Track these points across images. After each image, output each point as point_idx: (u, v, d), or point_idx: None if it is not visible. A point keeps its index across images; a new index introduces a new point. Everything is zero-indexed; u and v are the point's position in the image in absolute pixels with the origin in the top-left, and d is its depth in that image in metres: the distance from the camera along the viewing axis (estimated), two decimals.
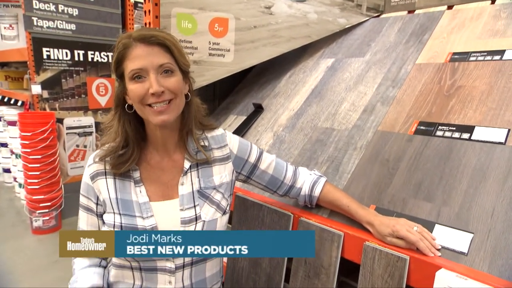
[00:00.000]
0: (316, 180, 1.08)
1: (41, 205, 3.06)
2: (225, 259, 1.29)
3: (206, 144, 0.98)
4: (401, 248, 0.89)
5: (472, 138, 1.08)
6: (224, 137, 1.03)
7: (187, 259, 0.90)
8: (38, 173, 3.01)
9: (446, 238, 0.89)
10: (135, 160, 0.91)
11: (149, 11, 1.54)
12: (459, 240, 0.87)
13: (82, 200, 0.96)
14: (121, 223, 0.89)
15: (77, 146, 3.69)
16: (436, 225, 0.93)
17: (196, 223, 0.91)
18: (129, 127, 0.90)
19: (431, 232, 0.91)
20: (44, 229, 3.10)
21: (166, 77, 0.85)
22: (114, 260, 0.93)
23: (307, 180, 1.09)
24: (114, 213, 0.90)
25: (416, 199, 1.01)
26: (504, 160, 0.98)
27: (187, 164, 0.95)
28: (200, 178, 0.96)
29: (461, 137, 1.10)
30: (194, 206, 0.92)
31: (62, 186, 3.27)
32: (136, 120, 0.92)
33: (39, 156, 2.98)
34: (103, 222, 0.93)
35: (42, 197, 3.03)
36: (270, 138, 1.54)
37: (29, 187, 3.03)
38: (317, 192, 1.07)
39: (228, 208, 0.99)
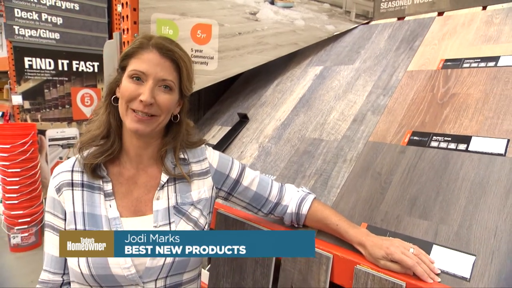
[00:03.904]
0: (304, 197, 0.99)
1: (19, 220, 2.92)
2: (204, 283, 1.19)
3: (186, 157, 0.93)
4: (396, 273, 0.80)
5: (469, 149, 1.00)
6: (203, 150, 0.98)
7: (159, 284, 0.82)
8: (17, 187, 2.88)
9: (445, 261, 0.80)
10: (114, 152, 0.86)
11: (127, 16, 1.46)
12: (460, 263, 0.79)
13: (48, 218, 0.87)
14: None
15: (60, 158, 3.57)
16: (434, 245, 0.84)
17: None
18: (113, 119, 0.87)
19: (429, 254, 0.82)
20: (23, 246, 2.95)
21: (162, 92, 0.83)
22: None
23: (294, 197, 1.00)
24: (76, 229, 0.81)
25: (411, 216, 0.93)
26: (505, 173, 0.90)
27: (164, 178, 0.89)
28: (177, 193, 0.89)
29: (458, 148, 1.02)
30: (169, 223, 0.85)
31: (43, 200, 3.14)
32: (120, 116, 0.88)
33: (18, 170, 2.85)
34: None
35: (21, 212, 2.90)
36: (255, 150, 1.45)
37: (7, 202, 2.88)
38: (304, 210, 0.98)
39: (207, 227, 0.92)
